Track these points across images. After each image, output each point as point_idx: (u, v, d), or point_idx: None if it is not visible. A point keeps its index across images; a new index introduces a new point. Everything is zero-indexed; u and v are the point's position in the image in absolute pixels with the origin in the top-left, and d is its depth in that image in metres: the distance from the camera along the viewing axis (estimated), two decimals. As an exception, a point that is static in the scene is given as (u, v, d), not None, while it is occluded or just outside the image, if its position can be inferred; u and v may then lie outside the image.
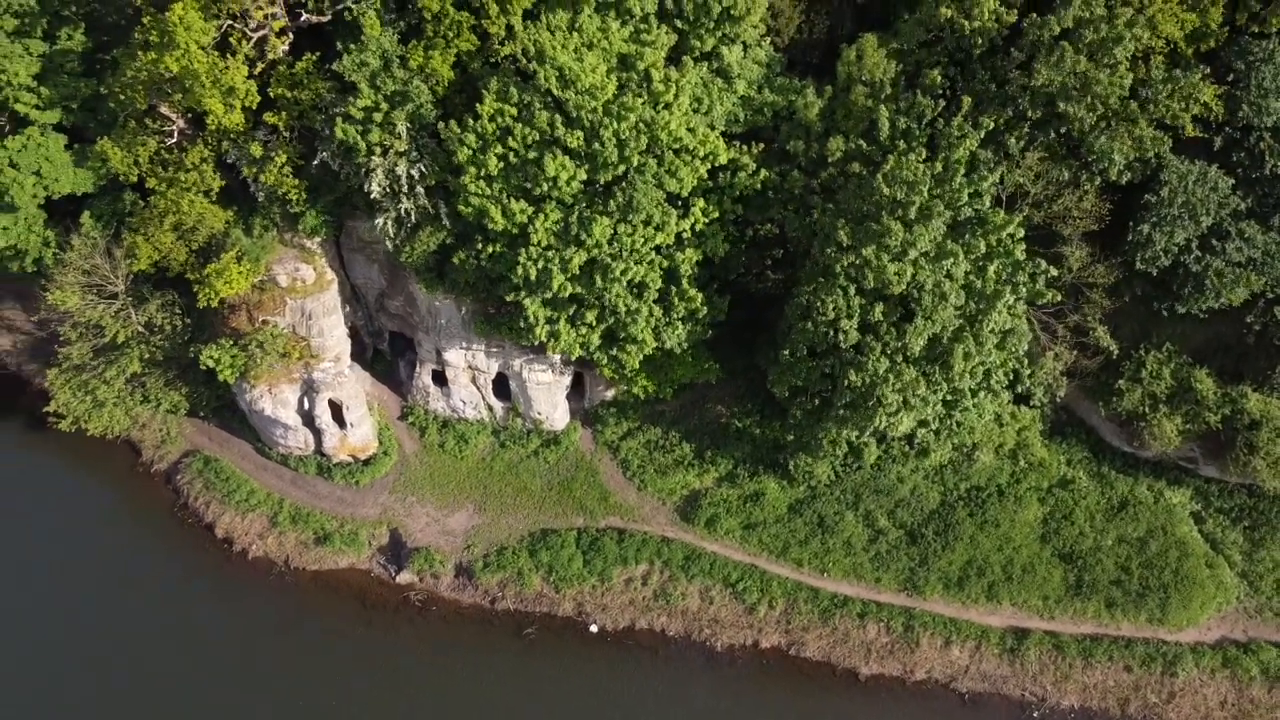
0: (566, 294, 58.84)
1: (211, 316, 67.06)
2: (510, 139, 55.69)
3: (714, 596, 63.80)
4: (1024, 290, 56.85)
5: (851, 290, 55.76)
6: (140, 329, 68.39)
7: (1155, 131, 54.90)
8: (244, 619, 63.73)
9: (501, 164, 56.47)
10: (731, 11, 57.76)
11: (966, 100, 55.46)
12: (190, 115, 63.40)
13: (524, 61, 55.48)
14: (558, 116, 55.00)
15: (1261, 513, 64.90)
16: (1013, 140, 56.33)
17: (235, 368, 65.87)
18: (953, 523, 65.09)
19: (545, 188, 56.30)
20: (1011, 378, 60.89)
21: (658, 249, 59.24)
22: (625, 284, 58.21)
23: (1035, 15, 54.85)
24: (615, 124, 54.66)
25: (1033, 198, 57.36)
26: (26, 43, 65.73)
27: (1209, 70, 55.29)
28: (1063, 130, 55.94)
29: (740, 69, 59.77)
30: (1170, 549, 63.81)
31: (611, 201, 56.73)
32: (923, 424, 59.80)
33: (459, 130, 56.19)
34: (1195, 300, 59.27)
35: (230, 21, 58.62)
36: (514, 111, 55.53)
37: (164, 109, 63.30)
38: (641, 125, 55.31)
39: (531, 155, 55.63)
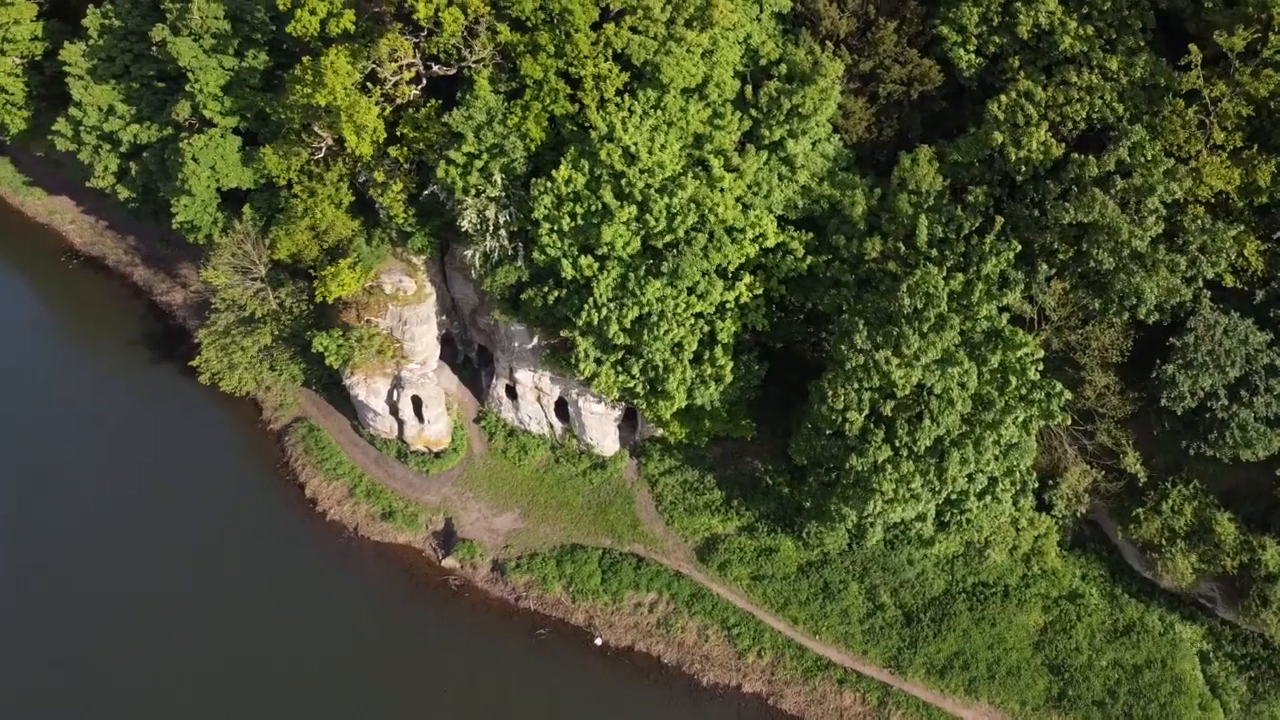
0: (619, 341, 65.60)
1: (329, 309, 77.76)
2: (579, 204, 62.89)
3: (710, 635, 69.16)
4: (1037, 410, 59.14)
5: (864, 384, 59.65)
6: (274, 308, 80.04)
7: (1181, 284, 55.84)
8: (308, 570, 74.17)
9: (572, 223, 63.77)
10: (800, 109, 62.56)
11: (999, 220, 58.27)
12: (336, 137, 73.93)
13: (595, 139, 62.24)
14: (613, 189, 61.62)
15: (1271, 665, 64.18)
16: (1044, 265, 58.65)
17: (340, 356, 76.31)
18: (951, 612, 67.71)
19: (605, 249, 63.18)
20: (1019, 486, 63.03)
21: (700, 315, 65.00)
22: (667, 342, 64.33)
23: (1079, 154, 56.95)
24: (666, 199, 60.89)
25: (1054, 324, 59.45)
26: (220, 58, 78.25)
27: (1247, 226, 55.77)
28: (1091, 264, 57.78)
29: (805, 160, 64.47)
30: (1165, 682, 64.16)
31: (663, 265, 62.98)
32: (920, 518, 62.86)
33: (540, 189, 63.78)
34: (1219, 447, 59.63)
35: (374, 65, 68.39)
36: (583, 180, 62.63)
37: (316, 128, 74.13)
38: (692, 204, 61.25)
39: (593, 221, 62.59)
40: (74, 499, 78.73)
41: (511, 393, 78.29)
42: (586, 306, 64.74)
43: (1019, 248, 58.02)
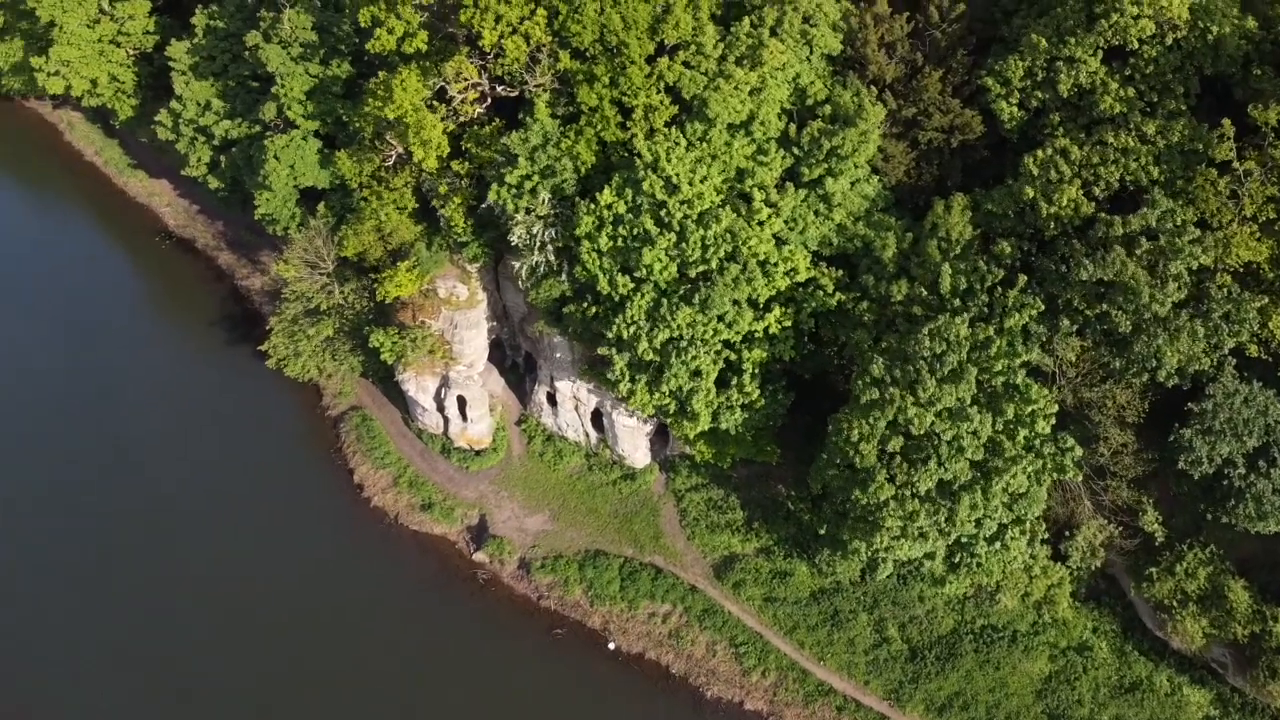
0: (649, 359, 68.49)
1: (387, 307, 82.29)
2: (620, 227, 65.91)
3: (718, 651, 71.51)
4: (1048, 463, 59.98)
5: (877, 418, 61.21)
6: (338, 303, 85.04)
7: (1200, 352, 56.03)
8: (348, 552, 78.75)
9: (612, 243, 66.85)
10: (839, 150, 64.46)
11: (1023, 277, 59.24)
12: (406, 147, 78.28)
13: (640, 167, 65.13)
14: (654, 216, 64.45)
15: (1278, 738, 63.71)
16: (1066, 321, 59.41)
17: (394, 352, 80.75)
18: (956, 652, 68.74)
19: (644, 272, 66.09)
20: (1029, 535, 63.75)
21: (727, 343, 67.38)
22: (691, 367, 66.90)
23: (1107, 215, 57.60)
24: (702, 231, 63.49)
25: (1072, 379, 60.10)
26: (306, 65, 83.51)
27: (1274, 298, 55.65)
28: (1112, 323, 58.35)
29: (842, 199, 66.29)
30: (1165, 743, 64.27)
31: (696, 295, 65.55)
32: (929, 556, 64.16)
33: (584, 210, 67.03)
34: (1234, 515, 59.54)
35: (444, 83, 72.48)
36: (624, 206, 65.59)
37: (389, 137, 78.67)
38: (727, 235, 63.73)
39: (634, 245, 65.53)
40: (144, 460, 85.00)
41: (552, 400, 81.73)
42: (618, 322, 67.77)
43: (1042, 306, 58.91)
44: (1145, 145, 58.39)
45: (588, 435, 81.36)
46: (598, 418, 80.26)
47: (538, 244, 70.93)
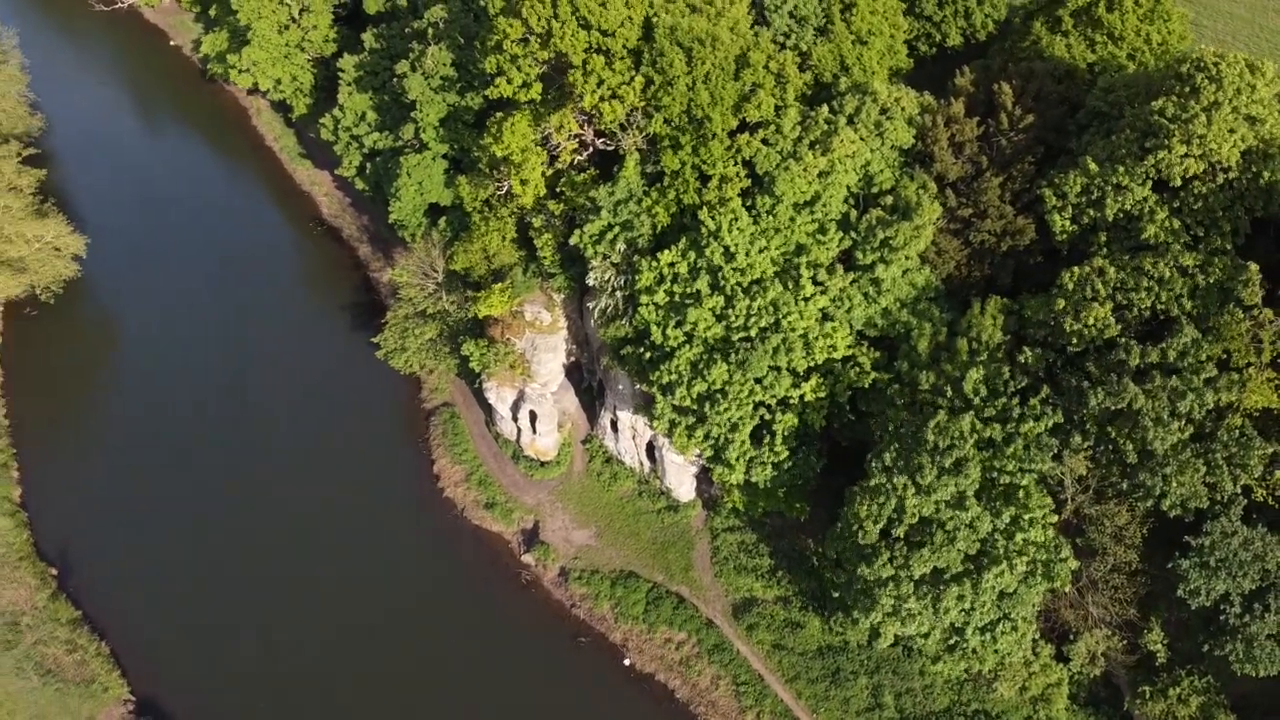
0: (687, 405, 74.10)
1: (482, 321, 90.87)
2: (676, 284, 71.75)
3: (720, 685, 76.51)
4: (1040, 569, 62.10)
5: (884, 501, 64.81)
6: (443, 309, 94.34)
7: (1202, 490, 56.95)
8: (414, 534, 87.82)
9: (668, 299, 72.78)
10: (891, 241, 68.13)
11: (1045, 389, 61.47)
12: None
13: (705, 234, 70.66)
14: (709, 279, 69.92)
15: None
16: (1078, 438, 61.28)
17: (481, 362, 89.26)
18: (945, 730, 71.43)
19: (690, 328, 71.74)
20: (1020, 633, 65.73)
21: (763, 404, 72.13)
22: (726, 419, 72.10)
23: (1127, 340, 59.17)
24: (748, 300, 68.53)
25: (1074, 492, 61.88)
26: (444, 96, 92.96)
27: (1281, 450, 56.08)
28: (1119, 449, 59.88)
29: (892, 285, 69.87)
30: None
31: (734, 355, 70.73)
32: (923, 635, 67.15)
33: (646, 266, 73.20)
34: (1226, 651, 60.06)
35: (551, 131, 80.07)
36: (685, 266, 71.35)
37: (502, 169, 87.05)
38: (770, 307, 68.52)
39: (685, 303, 71.22)
40: (261, 406, 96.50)
41: (614, 426, 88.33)
42: (663, 367, 73.69)
43: (1059, 419, 61.01)
44: (1183, 278, 59.55)
45: (642, 464, 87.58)
46: (652, 449, 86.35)
47: (609, 288, 77.60)
